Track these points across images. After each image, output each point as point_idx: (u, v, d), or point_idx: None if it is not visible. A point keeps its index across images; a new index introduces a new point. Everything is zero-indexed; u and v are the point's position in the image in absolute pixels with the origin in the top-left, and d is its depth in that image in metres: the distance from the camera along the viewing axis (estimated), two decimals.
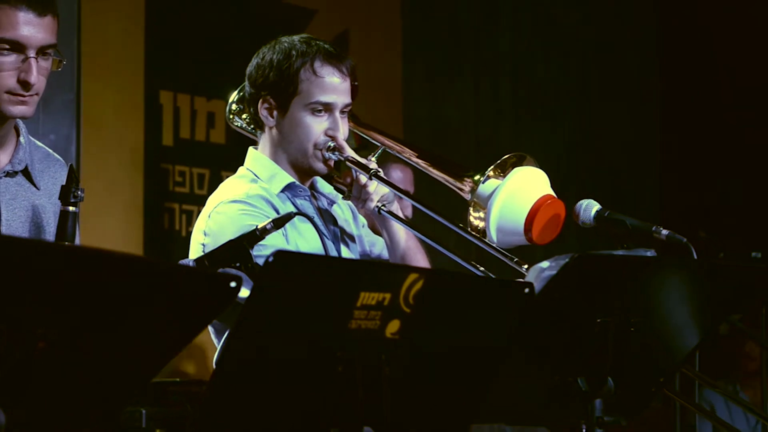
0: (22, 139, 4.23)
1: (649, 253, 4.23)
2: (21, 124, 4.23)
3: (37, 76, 4.07)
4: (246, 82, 4.78)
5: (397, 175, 5.55)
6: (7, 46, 4.05)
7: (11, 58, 4.06)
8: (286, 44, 4.69)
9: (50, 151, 4.26)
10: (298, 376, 3.03)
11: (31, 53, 4.07)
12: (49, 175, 4.13)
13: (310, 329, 3.00)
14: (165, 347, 2.98)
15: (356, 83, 4.86)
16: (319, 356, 3.02)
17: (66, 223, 3.97)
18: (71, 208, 3.99)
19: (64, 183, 4.20)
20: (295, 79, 4.62)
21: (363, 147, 4.88)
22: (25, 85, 4.07)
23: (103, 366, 2.85)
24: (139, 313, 2.84)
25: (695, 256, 4.21)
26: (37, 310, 2.63)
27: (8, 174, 4.15)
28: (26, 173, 4.19)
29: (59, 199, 3.99)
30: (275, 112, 4.67)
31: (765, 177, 9.16)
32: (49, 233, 4.15)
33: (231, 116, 5.00)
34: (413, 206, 5.16)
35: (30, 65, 4.07)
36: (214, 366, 4.32)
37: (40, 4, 4.11)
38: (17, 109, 4.09)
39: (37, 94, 4.11)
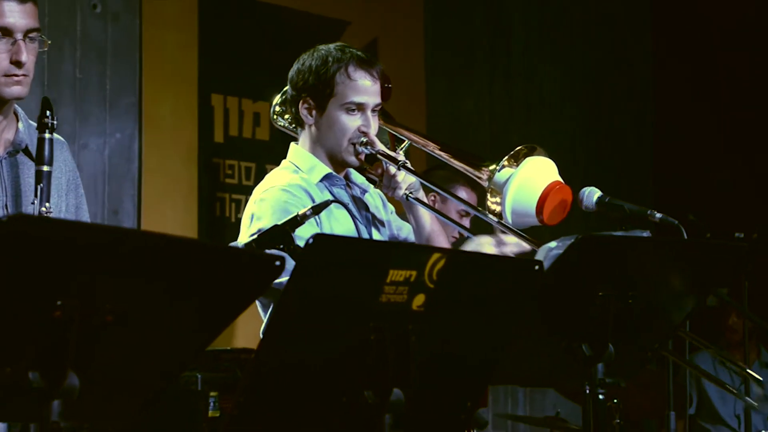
0: (20, 124, 4.24)
1: (644, 234, 4.25)
2: (20, 110, 4.26)
3: (27, 55, 4.11)
4: (288, 86, 4.79)
5: (464, 194, 5.55)
6: (1, 32, 4.09)
7: (5, 43, 4.10)
8: (323, 52, 4.70)
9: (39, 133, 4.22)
10: (334, 344, 3.03)
11: (19, 36, 4.11)
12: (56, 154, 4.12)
13: (345, 303, 3.00)
14: (218, 319, 2.99)
15: (388, 85, 4.88)
16: (354, 326, 3.02)
17: (42, 148, 4.02)
18: (47, 135, 4.03)
19: (64, 158, 4.36)
20: (331, 83, 4.63)
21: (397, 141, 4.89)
22: (18, 64, 4.10)
23: (163, 336, 2.86)
24: (195, 289, 2.85)
25: (685, 236, 4.20)
26: (106, 288, 2.64)
27: (10, 154, 4.16)
28: (27, 152, 4.20)
29: (36, 129, 4.06)
30: (314, 112, 4.68)
31: (748, 167, 9.14)
32: (58, 205, 4.17)
33: (275, 116, 5.01)
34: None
35: (20, 46, 4.11)
36: (260, 336, 4.34)
37: None
38: (13, 90, 4.12)
39: (27, 74, 4.14)
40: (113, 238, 2.85)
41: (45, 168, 4.02)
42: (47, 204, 3.98)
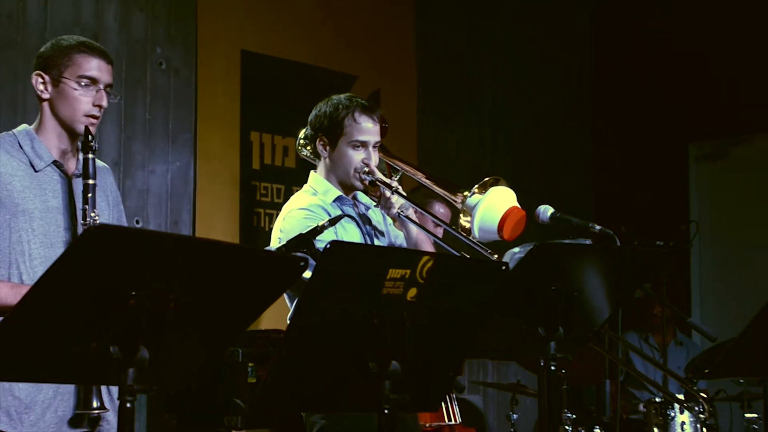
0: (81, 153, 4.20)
1: (586, 242, 4.27)
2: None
3: (106, 104, 4.13)
4: (308, 126, 4.81)
5: (440, 209, 5.56)
6: (87, 81, 4.07)
7: (89, 90, 4.08)
8: (335, 100, 4.72)
9: (98, 161, 4.19)
10: (346, 327, 3.04)
11: (101, 87, 4.10)
12: (100, 176, 4.11)
13: (354, 295, 3.01)
14: (254, 307, 3.01)
15: (386, 125, 4.90)
16: (361, 313, 3.03)
17: (87, 166, 3.99)
18: (90, 155, 4.01)
19: (110, 181, 4.34)
20: (341, 125, 4.65)
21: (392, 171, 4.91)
22: (99, 107, 4.09)
23: (213, 319, 2.88)
24: (238, 283, 2.87)
25: (618, 244, 4.22)
26: (170, 281, 2.65)
27: (79, 175, 4.10)
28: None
29: (81, 150, 4.02)
30: (328, 147, 4.70)
31: (666, 189, 9.14)
32: (103, 213, 4.14)
33: (299, 148, 5.02)
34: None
35: (102, 94, 4.10)
36: (288, 321, 4.34)
37: (107, 55, 4.16)
38: (91, 127, 4.09)
39: (100, 117, 4.14)
40: (175, 243, 2.91)
41: (90, 181, 3.99)
42: (95, 210, 3.97)
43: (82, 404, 3.89)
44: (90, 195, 3.97)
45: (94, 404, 3.88)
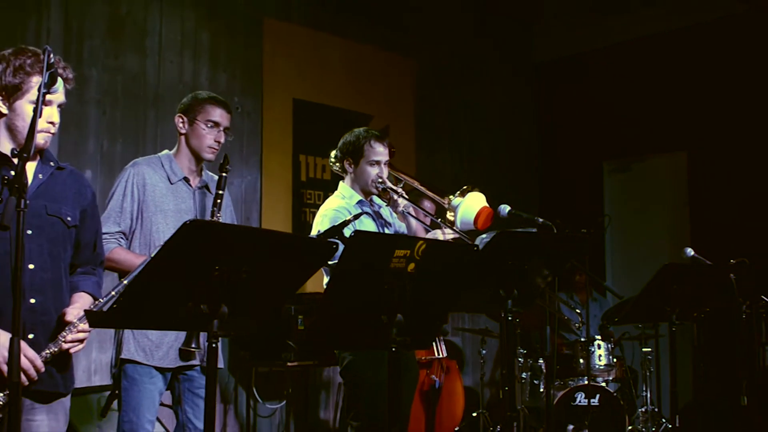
0: (204, 173, 4.23)
1: (533, 230, 4.24)
2: (204, 165, 4.25)
3: (223, 140, 4.16)
4: (338, 150, 4.79)
5: (428, 204, 5.55)
6: (212, 124, 4.11)
7: (213, 130, 4.11)
8: (356, 132, 4.71)
9: (214, 176, 4.23)
10: (365, 290, 3.02)
11: (221, 129, 4.15)
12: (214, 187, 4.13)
13: (371, 268, 2.99)
14: (301, 275, 2.99)
15: (393, 150, 4.89)
16: (376, 281, 3.01)
17: (221, 181, 4.04)
18: (224, 174, 4.05)
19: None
20: (361, 150, 4.63)
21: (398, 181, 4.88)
22: (218, 143, 4.14)
23: (274, 285, 2.86)
24: (290, 259, 2.85)
25: (554, 231, 4.19)
26: (242, 259, 2.64)
27: (200, 187, 4.17)
28: (207, 188, 4.20)
29: (218, 170, 4.06)
30: (352, 165, 4.68)
31: (588, 192, 9.14)
32: (226, 213, 4.18)
33: (332, 165, 5.00)
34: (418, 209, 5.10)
35: (221, 134, 4.15)
36: (324, 286, 4.32)
37: (228, 106, 4.21)
38: (211, 155, 4.15)
39: (218, 150, 4.17)
40: (246, 233, 2.92)
41: (220, 191, 4.03)
42: (220, 212, 4.00)
43: (185, 343, 3.91)
44: (219, 201, 4.03)
45: (193, 345, 3.90)
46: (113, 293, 3.23)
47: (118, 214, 4.00)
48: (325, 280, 4.46)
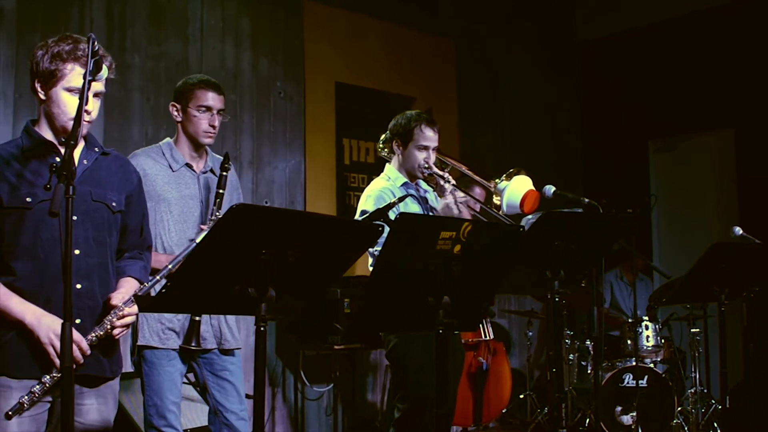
0: (208, 156, 4.22)
1: (579, 211, 4.21)
2: (209, 149, 4.24)
3: (218, 123, 4.14)
4: (388, 132, 4.79)
5: (477, 190, 5.51)
6: (204, 109, 4.09)
7: (206, 115, 4.09)
8: (408, 115, 4.70)
9: (220, 157, 4.23)
10: (411, 272, 3.01)
11: (215, 112, 4.11)
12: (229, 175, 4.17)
13: (417, 249, 2.98)
14: (348, 259, 2.96)
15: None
16: (422, 262, 3.00)
17: (222, 180, 4.06)
18: (224, 173, 4.08)
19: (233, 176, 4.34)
20: (411, 133, 4.63)
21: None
22: (213, 127, 4.11)
23: (320, 267, 2.85)
24: (337, 242, 2.84)
25: (600, 212, 4.16)
26: (289, 243, 2.64)
27: (204, 172, 4.16)
28: (212, 171, 4.19)
29: (220, 168, 4.10)
30: (401, 148, 4.67)
31: (633, 172, 9.06)
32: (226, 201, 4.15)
33: (380, 149, 4.99)
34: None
35: (215, 117, 4.11)
36: (369, 268, 4.32)
37: (220, 88, 4.17)
38: (208, 140, 4.12)
39: (215, 133, 4.15)
40: (292, 216, 2.92)
41: (221, 191, 4.04)
42: (219, 211, 3.99)
43: (185, 341, 3.98)
44: (219, 200, 4.03)
45: (192, 344, 3.94)
46: (158, 277, 3.27)
47: None
48: (370, 262, 4.47)
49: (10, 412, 2.86)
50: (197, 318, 3.93)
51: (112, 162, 3.26)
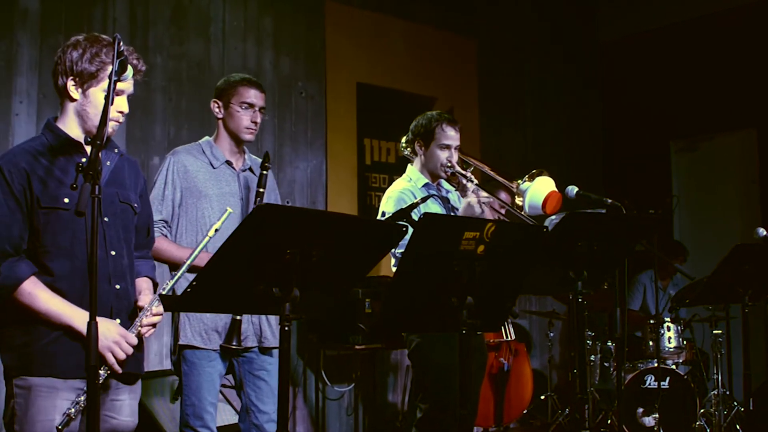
0: (246, 155, 4.26)
1: (602, 212, 4.20)
2: (246, 148, 4.29)
3: (259, 120, 4.20)
4: (409, 133, 4.79)
5: (503, 195, 5.49)
6: (246, 105, 4.15)
7: (248, 111, 4.15)
8: (428, 115, 4.70)
9: (258, 159, 4.28)
10: (436, 272, 3.01)
11: (257, 109, 4.18)
12: (258, 170, 4.19)
13: (441, 250, 2.98)
14: (371, 259, 2.98)
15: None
16: (446, 262, 3.00)
17: (262, 179, 4.12)
18: (264, 172, 4.14)
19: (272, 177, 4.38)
20: (433, 133, 4.64)
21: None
22: (255, 124, 4.17)
23: (343, 268, 2.87)
24: (360, 243, 2.85)
25: (623, 212, 4.14)
26: (313, 243, 2.65)
27: (244, 170, 4.20)
28: (251, 170, 4.23)
29: (260, 167, 4.17)
30: (423, 148, 4.68)
31: (655, 173, 9.03)
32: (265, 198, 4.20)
33: (402, 148, 4.97)
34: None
35: (257, 114, 4.18)
36: (392, 269, 4.33)
37: (261, 87, 4.26)
38: (250, 136, 4.18)
39: (257, 130, 4.21)
40: (315, 216, 2.94)
41: (261, 189, 4.08)
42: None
43: (226, 340, 4.01)
44: (259, 199, 4.08)
45: (233, 343, 3.97)
46: (179, 274, 3.29)
47: (160, 202, 4.06)
48: (392, 262, 4.47)
49: (59, 426, 2.88)
50: (238, 317, 3.95)
51: (125, 162, 3.27)
